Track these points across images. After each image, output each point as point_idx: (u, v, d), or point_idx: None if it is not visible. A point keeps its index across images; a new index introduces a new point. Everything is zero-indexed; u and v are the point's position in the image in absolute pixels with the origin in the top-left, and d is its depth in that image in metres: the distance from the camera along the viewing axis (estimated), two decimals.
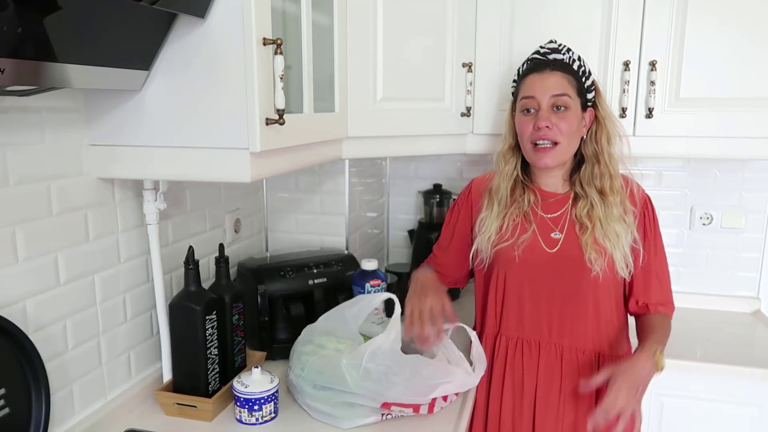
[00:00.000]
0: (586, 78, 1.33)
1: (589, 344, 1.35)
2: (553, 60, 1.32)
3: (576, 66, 1.32)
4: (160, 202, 1.22)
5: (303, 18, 1.17)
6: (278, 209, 1.84)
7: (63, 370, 1.09)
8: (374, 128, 1.48)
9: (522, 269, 1.35)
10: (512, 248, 1.34)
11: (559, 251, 1.32)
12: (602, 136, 1.33)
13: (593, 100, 1.35)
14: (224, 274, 1.32)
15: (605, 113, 1.35)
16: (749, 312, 1.95)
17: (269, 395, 1.18)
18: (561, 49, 1.34)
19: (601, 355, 1.35)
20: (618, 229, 1.29)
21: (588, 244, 1.29)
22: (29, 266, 1.01)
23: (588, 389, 1.22)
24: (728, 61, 1.56)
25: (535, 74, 1.32)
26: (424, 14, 1.55)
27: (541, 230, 1.35)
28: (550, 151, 1.30)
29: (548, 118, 1.28)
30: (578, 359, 1.35)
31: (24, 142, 0.99)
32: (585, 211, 1.32)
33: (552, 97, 1.29)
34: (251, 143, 1.00)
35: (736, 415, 1.58)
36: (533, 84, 1.31)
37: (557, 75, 1.30)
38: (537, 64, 1.33)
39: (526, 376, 1.37)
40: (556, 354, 1.35)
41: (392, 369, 1.14)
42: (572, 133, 1.30)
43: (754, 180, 1.91)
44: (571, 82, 1.30)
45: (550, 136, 1.29)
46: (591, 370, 1.33)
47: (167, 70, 1.03)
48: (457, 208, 1.50)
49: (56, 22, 0.80)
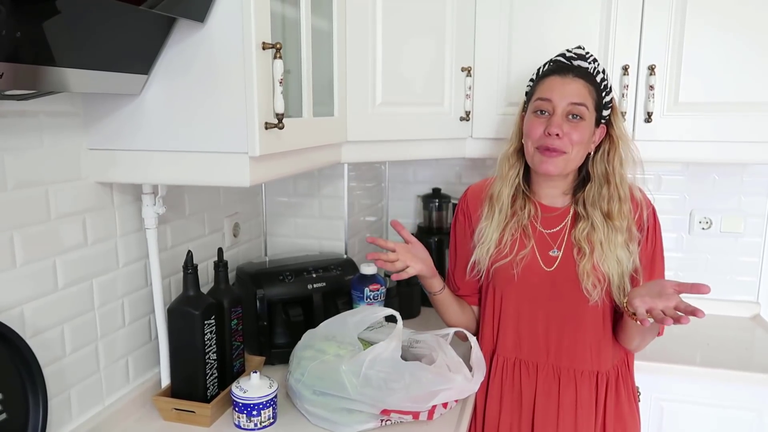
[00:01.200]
0: (606, 93, 1.28)
1: (588, 365, 1.31)
2: (577, 66, 1.26)
3: (599, 78, 1.27)
4: (159, 206, 1.22)
5: (302, 22, 1.17)
6: (277, 213, 1.84)
7: (61, 375, 1.09)
8: (373, 132, 1.48)
9: (520, 289, 1.31)
10: (511, 266, 1.30)
11: (556, 270, 1.28)
12: (615, 158, 1.28)
13: (608, 118, 1.30)
14: (223, 279, 1.31)
15: (620, 134, 1.29)
16: (749, 316, 1.95)
17: (268, 400, 1.18)
18: (588, 57, 1.27)
19: (599, 374, 1.31)
20: (620, 256, 1.24)
21: (585, 272, 1.24)
22: (27, 271, 1.01)
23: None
24: (727, 65, 1.56)
25: (556, 77, 1.26)
26: (424, 18, 1.55)
27: (539, 247, 1.31)
28: (555, 158, 1.24)
29: (560, 126, 1.22)
30: (576, 380, 1.31)
31: (22, 147, 0.99)
32: (585, 234, 1.26)
33: (570, 104, 1.23)
34: (250, 147, 1.00)
35: (735, 419, 1.58)
36: (552, 86, 1.26)
37: (579, 82, 1.24)
38: (560, 66, 1.28)
39: (525, 394, 1.34)
40: (554, 375, 1.32)
41: (392, 376, 1.13)
42: (582, 144, 1.25)
43: (753, 184, 1.91)
44: (591, 94, 1.25)
45: (558, 145, 1.23)
46: (590, 391, 1.31)
47: (166, 74, 1.03)
48: (458, 223, 1.45)
49: (55, 26, 0.80)
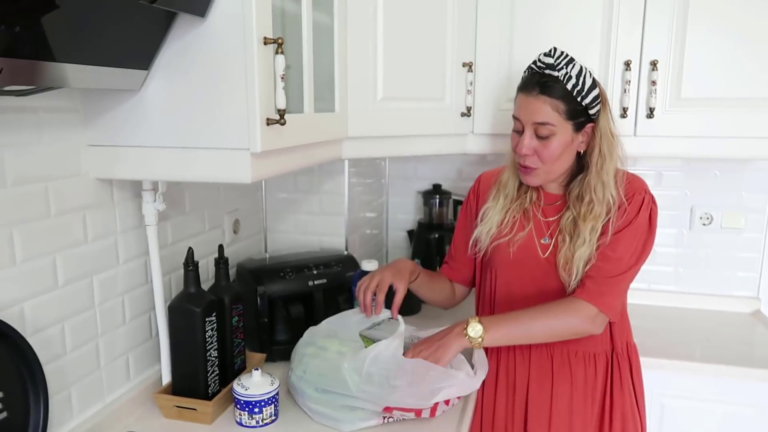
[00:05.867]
0: (582, 97, 1.23)
1: (582, 346, 1.33)
2: (545, 80, 1.23)
3: (570, 85, 1.22)
4: (159, 203, 1.21)
5: (303, 17, 1.16)
6: (277, 210, 1.83)
7: (61, 373, 1.08)
8: (374, 128, 1.48)
9: (515, 269, 1.35)
10: (508, 245, 1.35)
11: (549, 257, 1.31)
12: (596, 150, 1.28)
13: (596, 115, 1.27)
14: (224, 276, 1.31)
15: (604, 128, 1.28)
16: (749, 312, 1.95)
17: (269, 398, 1.18)
18: (557, 64, 1.23)
19: (596, 356, 1.34)
20: (582, 253, 1.25)
21: (564, 259, 1.28)
22: (27, 268, 1.00)
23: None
24: (729, 61, 1.56)
25: (522, 95, 1.27)
26: (425, 14, 1.54)
27: (537, 232, 1.34)
28: (531, 172, 1.29)
29: (529, 146, 1.26)
30: (570, 361, 1.33)
31: (21, 143, 0.98)
32: (568, 222, 1.29)
33: (534, 124, 1.25)
34: (252, 144, 0.99)
35: (736, 415, 1.58)
36: (520, 104, 1.28)
37: (542, 100, 1.23)
38: (527, 82, 1.27)
39: (518, 377, 1.36)
40: (547, 356, 1.34)
41: (394, 373, 1.13)
42: (555, 158, 1.26)
43: (754, 180, 1.91)
44: (558, 108, 1.23)
45: (529, 163, 1.28)
46: (585, 372, 1.33)
47: (167, 69, 1.02)
48: (467, 205, 1.49)
49: (54, 21, 0.79)
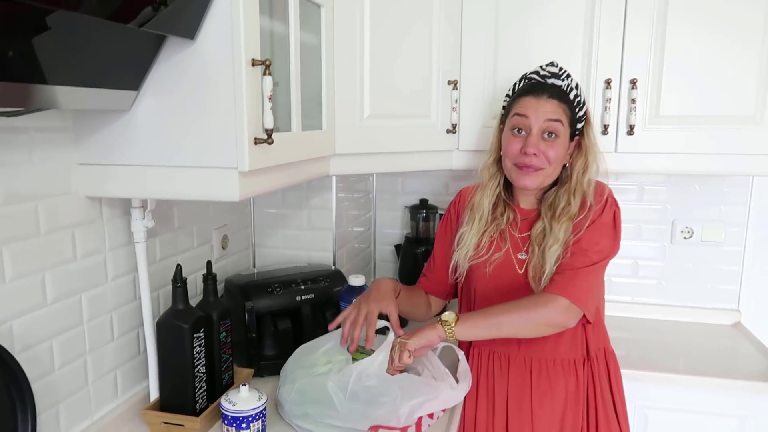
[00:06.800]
0: (579, 108, 1.32)
1: (559, 354, 1.35)
2: (551, 85, 1.31)
3: (572, 95, 1.31)
4: (148, 220, 1.23)
5: (291, 37, 1.18)
6: (265, 225, 1.84)
7: (49, 389, 1.09)
8: (361, 145, 1.50)
9: (492, 286, 1.36)
10: (484, 265, 1.36)
11: (525, 272, 1.33)
12: (578, 163, 1.32)
13: (582, 129, 1.34)
14: (212, 292, 1.32)
15: (589, 143, 1.33)
16: (729, 324, 1.99)
17: (257, 413, 1.18)
18: (561, 74, 1.32)
19: (575, 362, 1.35)
20: (552, 252, 1.27)
21: (534, 269, 1.29)
22: (16, 286, 1.01)
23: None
24: (707, 79, 1.60)
25: (531, 97, 1.30)
26: (410, 33, 1.57)
27: (513, 248, 1.36)
28: (533, 174, 1.30)
29: (537, 145, 1.28)
30: (548, 370, 1.36)
31: (12, 162, 0.99)
32: (539, 232, 1.31)
33: (546, 121, 1.28)
34: (240, 163, 1.01)
35: (718, 426, 1.61)
36: (527, 106, 1.30)
37: (553, 103, 1.29)
38: (534, 86, 1.32)
39: (498, 388, 1.38)
40: (525, 366, 1.37)
41: (379, 390, 1.14)
42: (558, 161, 1.30)
43: (733, 194, 1.95)
44: (565, 111, 1.30)
45: (536, 163, 1.29)
46: (564, 380, 1.35)
47: (156, 90, 1.04)
48: (448, 219, 1.51)
49: (45, 44, 0.80)
